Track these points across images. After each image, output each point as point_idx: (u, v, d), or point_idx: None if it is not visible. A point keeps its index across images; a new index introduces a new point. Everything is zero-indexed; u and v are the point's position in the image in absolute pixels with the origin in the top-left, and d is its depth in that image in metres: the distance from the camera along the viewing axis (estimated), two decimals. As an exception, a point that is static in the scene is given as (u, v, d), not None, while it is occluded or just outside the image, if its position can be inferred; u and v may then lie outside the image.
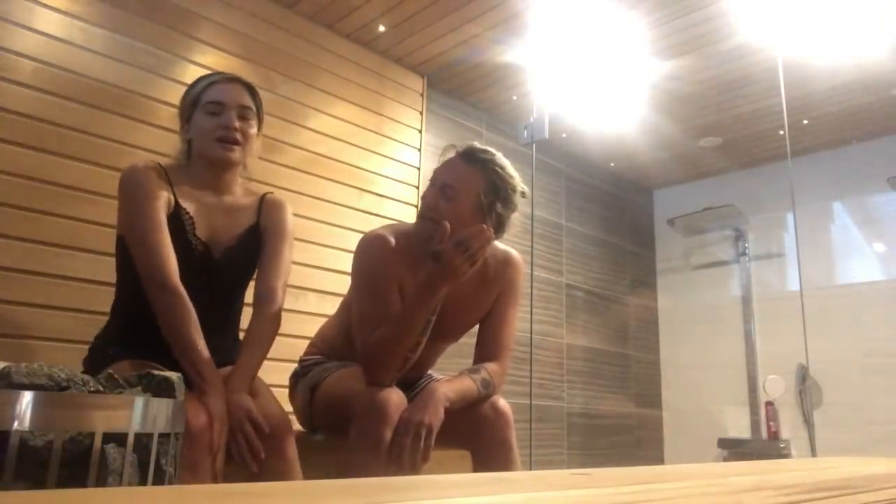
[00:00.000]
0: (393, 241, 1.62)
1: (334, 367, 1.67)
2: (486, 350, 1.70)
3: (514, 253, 1.76)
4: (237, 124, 1.54)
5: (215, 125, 1.53)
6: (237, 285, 1.62)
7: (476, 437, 1.61)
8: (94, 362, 1.48)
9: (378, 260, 1.60)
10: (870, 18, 2.58)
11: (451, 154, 1.64)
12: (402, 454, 1.41)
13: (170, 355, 1.41)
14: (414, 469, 1.42)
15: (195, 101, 1.57)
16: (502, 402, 1.65)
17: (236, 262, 1.58)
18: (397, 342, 1.50)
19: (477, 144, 1.64)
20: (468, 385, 1.58)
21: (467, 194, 1.58)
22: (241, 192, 1.65)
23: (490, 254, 1.67)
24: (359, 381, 1.50)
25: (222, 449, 1.32)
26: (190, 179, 1.56)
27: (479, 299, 1.70)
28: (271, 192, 1.71)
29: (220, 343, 1.54)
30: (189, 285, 1.48)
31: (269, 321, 1.54)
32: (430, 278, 1.47)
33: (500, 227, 1.62)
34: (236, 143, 1.54)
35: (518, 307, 1.77)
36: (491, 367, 1.65)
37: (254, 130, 1.60)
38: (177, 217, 1.50)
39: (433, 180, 1.63)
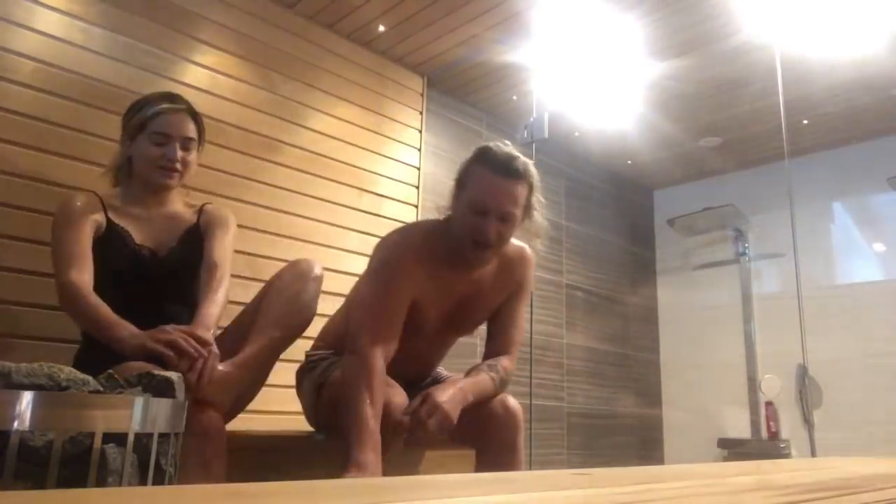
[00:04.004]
0: (419, 248, 1.58)
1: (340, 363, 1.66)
2: (499, 345, 1.69)
3: (527, 248, 1.73)
4: (179, 155, 1.66)
5: (159, 154, 1.64)
6: (187, 280, 1.66)
7: (483, 436, 1.61)
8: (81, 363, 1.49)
9: (395, 268, 1.56)
10: (869, 18, 2.58)
11: (486, 172, 1.53)
12: (418, 427, 1.41)
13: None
14: (422, 441, 1.43)
15: (142, 126, 1.66)
16: (513, 403, 1.63)
17: (181, 258, 1.67)
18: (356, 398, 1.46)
19: (496, 147, 1.57)
20: (486, 385, 1.58)
21: (520, 208, 1.56)
22: (180, 204, 1.77)
23: (505, 249, 1.66)
24: None
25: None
26: (128, 198, 1.69)
27: (494, 294, 1.69)
28: (211, 203, 1.81)
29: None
30: (144, 287, 1.60)
31: (216, 289, 1.58)
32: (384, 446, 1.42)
33: (530, 213, 1.60)
34: (176, 171, 1.67)
35: (527, 302, 1.77)
36: (505, 362, 1.64)
37: (193, 156, 1.71)
38: (111, 232, 1.60)
39: (480, 209, 1.52)
